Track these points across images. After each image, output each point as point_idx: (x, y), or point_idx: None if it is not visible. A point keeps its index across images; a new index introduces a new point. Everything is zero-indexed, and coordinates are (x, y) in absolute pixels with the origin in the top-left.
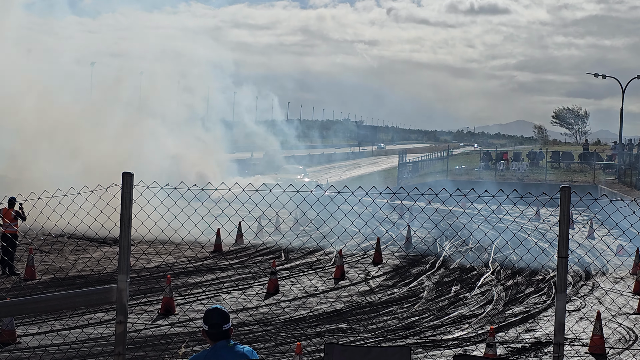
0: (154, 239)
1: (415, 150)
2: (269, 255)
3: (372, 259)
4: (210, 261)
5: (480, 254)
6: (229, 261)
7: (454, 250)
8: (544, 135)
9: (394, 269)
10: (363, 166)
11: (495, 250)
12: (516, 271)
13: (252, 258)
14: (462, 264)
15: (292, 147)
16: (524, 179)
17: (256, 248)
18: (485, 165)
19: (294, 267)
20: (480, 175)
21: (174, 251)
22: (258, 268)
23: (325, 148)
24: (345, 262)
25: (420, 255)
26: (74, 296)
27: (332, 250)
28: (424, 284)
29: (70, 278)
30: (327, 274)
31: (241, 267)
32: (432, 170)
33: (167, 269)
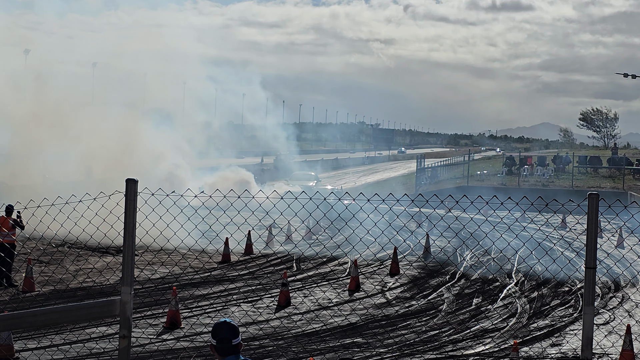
0: (159, 249)
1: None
2: (280, 265)
3: (389, 269)
4: (218, 272)
5: (503, 264)
6: (238, 272)
7: (475, 260)
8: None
9: (411, 280)
10: (379, 172)
11: (519, 260)
12: (541, 282)
13: (262, 269)
14: (484, 275)
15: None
16: (549, 185)
17: (267, 258)
18: (508, 171)
19: (307, 278)
20: (503, 181)
21: (180, 262)
22: (268, 279)
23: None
24: (360, 272)
25: (439, 265)
26: (75, 309)
27: (346, 260)
28: (444, 296)
29: (71, 290)
30: (342, 285)
31: (251, 278)
32: (452, 176)
33: (173, 280)
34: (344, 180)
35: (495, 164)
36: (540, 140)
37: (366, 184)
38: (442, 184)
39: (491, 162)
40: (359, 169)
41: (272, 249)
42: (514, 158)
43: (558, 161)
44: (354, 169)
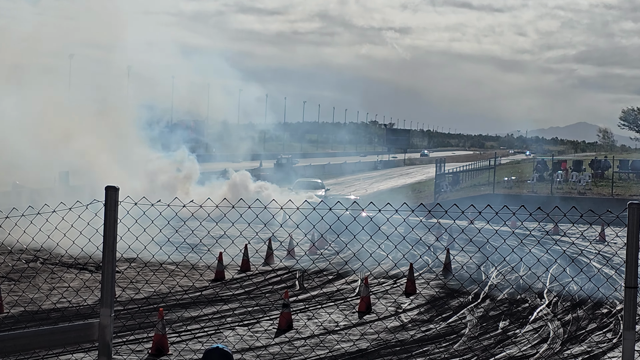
0: (144, 265)
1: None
2: (281, 284)
3: (404, 288)
4: (210, 291)
5: (533, 283)
6: (233, 291)
7: (502, 278)
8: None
9: (429, 301)
10: (393, 177)
11: (550, 278)
12: (576, 303)
13: (260, 288)
14: (512, 295)
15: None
16: (586, 193)
17: (265, 276)
18: (540, 177)
19: (310, 299)
20: (533, 188)
21: (167, 280)
22: (267, 300)
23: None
24: (371, 292)
25: (461, 284)
26: (48, 334)
27: (355, 278)
28: (466, 319)
29: (44, 311)
30: (350, 306)
31: (247, 298)
32: (475, 183)
33: (159, 301)
34: (353, 188)
35: (524, 169)
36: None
37: (378, 192)
38: (464, 191)
39: (520, 167)
40: (370, 175)
41: (271, 265)
42: (546, 162)
43: (596, 166)
44: (365, 175)
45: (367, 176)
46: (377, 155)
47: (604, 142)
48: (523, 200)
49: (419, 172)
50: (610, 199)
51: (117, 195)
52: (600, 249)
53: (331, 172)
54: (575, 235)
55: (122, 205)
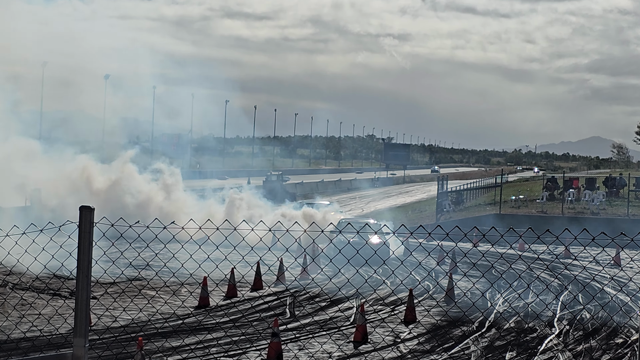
0: (121, 292)
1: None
2: (269, 312)
3: (403, 316)
4: (192, 320)
5: (542, 310)
6: (218, 320)
7: (508, 306)
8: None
9: (430, 330)
10: (392, 196)
11: (561, 306)
12: (589, 333)
13: (247, 316)
14: (519, 324)
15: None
16: (600, 213)
17: (252, 303)
18: (550, 195)
19: (301, 328)
20: (542, 208)
21: (146, 307)
22: (255, 329)
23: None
24: (367, 320)
25: (464, 312)
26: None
27: (350, 305)
28: (470, 350)
29: (13, 341)
30: (344, 336)
31: (233, 327)
32: (480, 202)
33: (138, 330)
34: (348, 207)
35: (533, 187)
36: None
37: (376, 211)
38: (468, 211)
39: (528, 185)
40: (367, 193)
41: (259, 291)
42: (557, 180)
43: (610, 184)
44: (361, 193)
45: (363, 194)
46: (374, 172)
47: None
48: (531, 222)
49: (419, 190)
50: (626, 220)
51: (92, 215)
52: (615, 274)
53: (325, 190)
54: (587, 259)
55: (97, 227)
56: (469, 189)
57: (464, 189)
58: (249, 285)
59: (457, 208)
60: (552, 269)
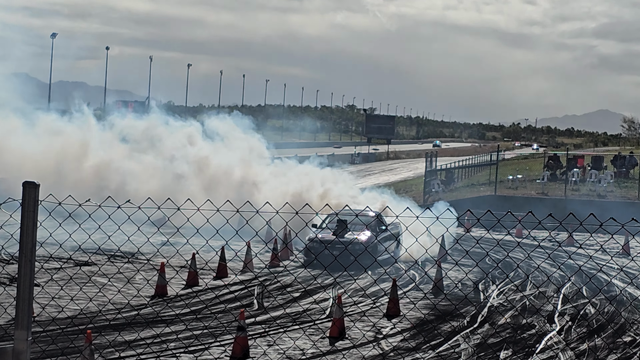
0: (69, 279)
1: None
2: (235, 303)
3: (385, 309)
4: (148, 311)
5: (542, 304)
6: (177, 311)
7: (504, 298)
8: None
9: (416, 325)
10: (374, 174)
11: (563, 299)
12: (594, 330)
13: (209, 308)
14: (516, 319)
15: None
16: (607, 196)
17: (216, 292)
18: (552, 175)
19: (271, 321)
20: (543, 189)
21: (97, 296)
22: (219, 322)
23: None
24: (346, 314)
25: (454, 305)
26: None
27: (326, 296)
28: (460, 347)
29: None
30: (319, 331)
31: (194, 319)
32: (473, 182)
33: (87, 322)
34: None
35: (533, 165)
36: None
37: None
38: (459, 192)
39: (528, 164)
40: (346, 170)
41: (224, 279)
42: (560, 158)
43: (620, 163)
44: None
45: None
46: (354, 147)
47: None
48: (531, 205)
49: (405, 168)
50: (637, 204)
51: (36, 192)
52: (624, 264)
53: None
54: (593, 248)
55: (43, 205)
56: (461, 167)
57: (456, 167)
58: (212, 273)
59: (447, 188)
60: (554, 257)
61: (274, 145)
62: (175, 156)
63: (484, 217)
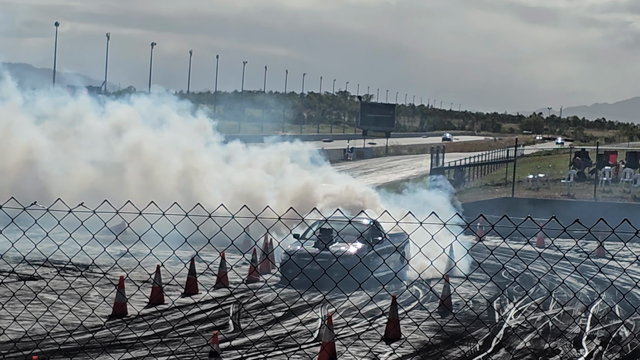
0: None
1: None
2: (207, 324)
3: (384, 332)
4: (105, 333)
5: (568, 326)
6: (139, 333)
7: (523, 319)
8: None
9: (419, 350)
10: (371, 172)
11: (592, 320)
12: (628, 355)
13: (177, 330)
14: (537, 343)
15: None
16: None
17: (184, 312)
18: (579, 175)
19: (249, 345)
20: (569, 190)
21: (44, 316)
22: (188, 346)
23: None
24: (337, 336)
25: (464, 327)
26: None
27: (314, 316)
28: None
29: None
30: (306, 356)
31: (159, 343)
32: (487, 182)
33: (32, 346)
34: None
35: (557, 163)
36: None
37: None
38: (471, 194)
39: (551, 160)
40: (338, 168)
41: (194, 296)
42: (588, 154)
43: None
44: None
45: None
46: (347, 141)
47: None
48: (555, 209)
49: (407, 165)
50: None
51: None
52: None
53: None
54: (628, 260)
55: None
56: (473, 165)
57: (466, 164)
58: (180, 289)
59: (456, 189)
60: (581, 271)
61: (247, 139)
62: (107, 145)
63: (499, 224)
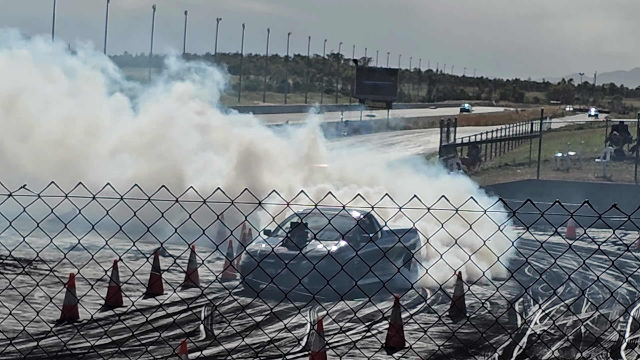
0: None
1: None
2: (175, 330)
3: (385, 338)
4: (52, 341)
5: (604, 331)
6: (92, 341)
7: (550, 324)
8: None
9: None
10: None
11: (632, 324)
12: None
13: (138, 337)
14: (567, 353)
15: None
16: None
17: (147, 315)
18: (617, 153)
19: (224, 356)
20: (605, 171)
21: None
22: (151, 356)
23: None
24: (329, 345)
25: (481, 333)
26: None
27: (302, 321)
28: None
29: None
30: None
31: (117, 353)
32: (507, 161)
33: None
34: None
35: (591, 138)
36: None
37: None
38: (488, 175)
39: (584, 136)
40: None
41: (158, 297)
42: (627, 128)
43: None
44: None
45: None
46: (341, 112)
47: None
48: (587, 193)
49: (411, 142)
50: None
51: None
52: None
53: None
54: None
55: None
56: (490, 141)
57: (482, 140)
58: (142, 288)
59: (470, 170)
60: (620, 266)
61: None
62: None
63: (521, 210)
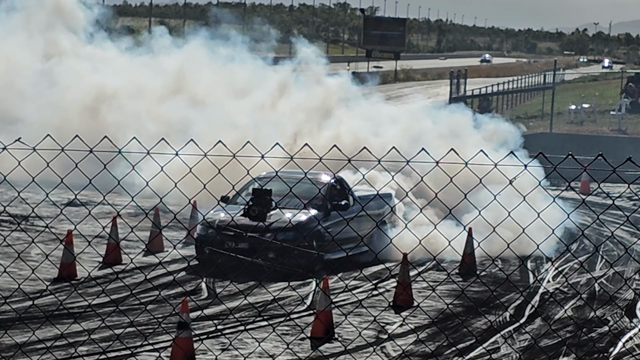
0: None
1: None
2: (175, 288)
3: (393, 297)
4: (49, 300)
5: (618, 289)
6: (90, 300)
7: (562, 282)
8: None
9: (435, 321)
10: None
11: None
12: None
13: (138, 296)
14: (581, 311)
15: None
16: None
17: (146, 275)
18: (632, 105)
19: (226, 314)
20: (620, 124)
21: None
22: (150, 315)
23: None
24: (334, 304)
25: (491, 291)
26: None
27: (306, 279)
28: (500, 352)
29: None
30: (297, 328)
31: (116, 312)
32: (520, 114)
33: None
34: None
35: (605, 90)
36: None
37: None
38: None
39: (598, 88)
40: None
41: (157, 254)
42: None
43: None
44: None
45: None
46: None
47: None
48: (602, 146)
49: (420, 94)
50: None
51: None
52: None
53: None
54: None
55: None
56: (502, 93)
57: (493, 92)
58: (141, 245)
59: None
60: (635, 222)
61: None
62: None
63: (533, 163)
